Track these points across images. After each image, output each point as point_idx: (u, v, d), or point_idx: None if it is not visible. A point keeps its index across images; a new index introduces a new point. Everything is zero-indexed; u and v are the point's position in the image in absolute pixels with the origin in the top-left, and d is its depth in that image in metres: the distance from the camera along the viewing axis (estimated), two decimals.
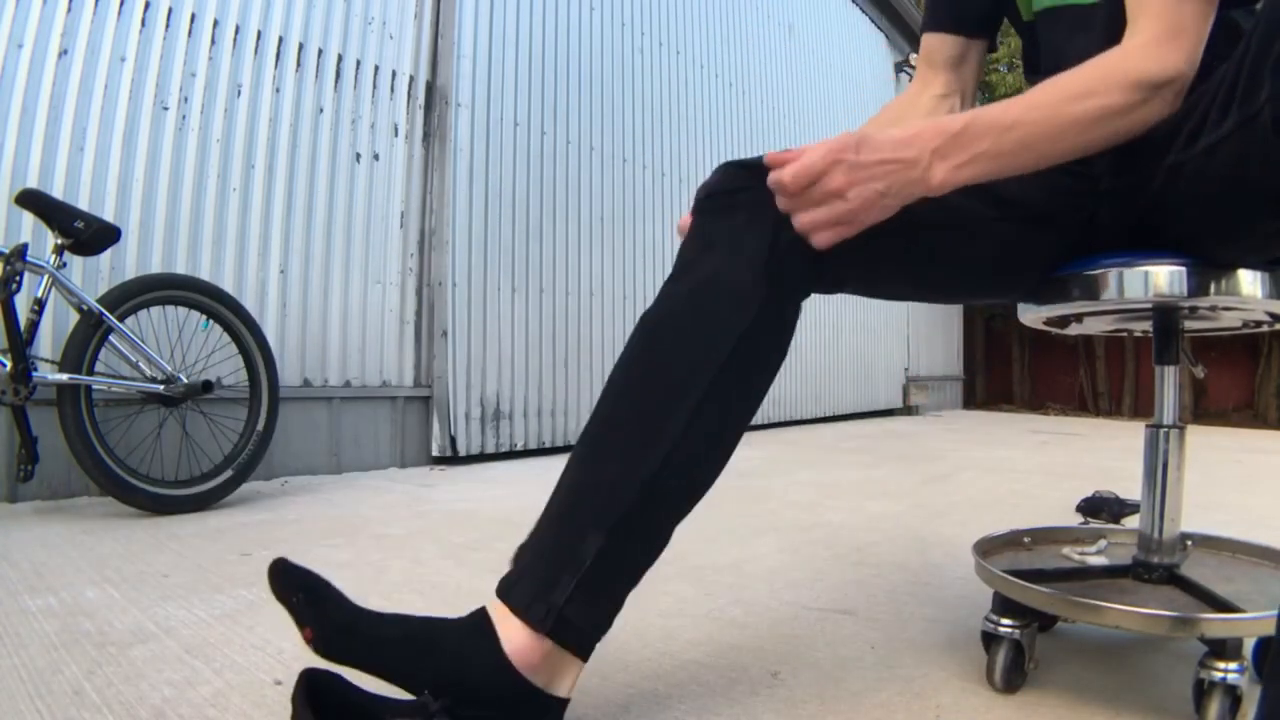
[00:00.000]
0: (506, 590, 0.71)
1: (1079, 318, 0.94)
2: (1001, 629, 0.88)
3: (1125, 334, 1.05)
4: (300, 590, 0.70)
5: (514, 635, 0.68)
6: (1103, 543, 1.08)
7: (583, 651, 0.70)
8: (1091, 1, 0.86)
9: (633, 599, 0.72)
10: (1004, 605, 0.88)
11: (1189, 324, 0.93)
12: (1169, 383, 0.90)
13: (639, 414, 0.71)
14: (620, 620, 0.72)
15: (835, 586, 1.33)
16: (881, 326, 6.05)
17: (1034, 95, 0.71)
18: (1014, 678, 0.87)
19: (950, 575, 1.41)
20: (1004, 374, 7.84)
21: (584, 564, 0.68)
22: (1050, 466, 3.11)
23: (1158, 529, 0.89)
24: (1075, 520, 1.95)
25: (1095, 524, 1.90)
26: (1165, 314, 0.88)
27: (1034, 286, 0.91)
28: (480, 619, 0.70)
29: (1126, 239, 0.85)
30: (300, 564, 0.72)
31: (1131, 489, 2.26)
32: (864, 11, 6.20)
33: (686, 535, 0.74)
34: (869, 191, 0.67)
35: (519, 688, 0.67)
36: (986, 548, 1.03)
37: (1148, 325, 0.95)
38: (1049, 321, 0.99)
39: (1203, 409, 6.52)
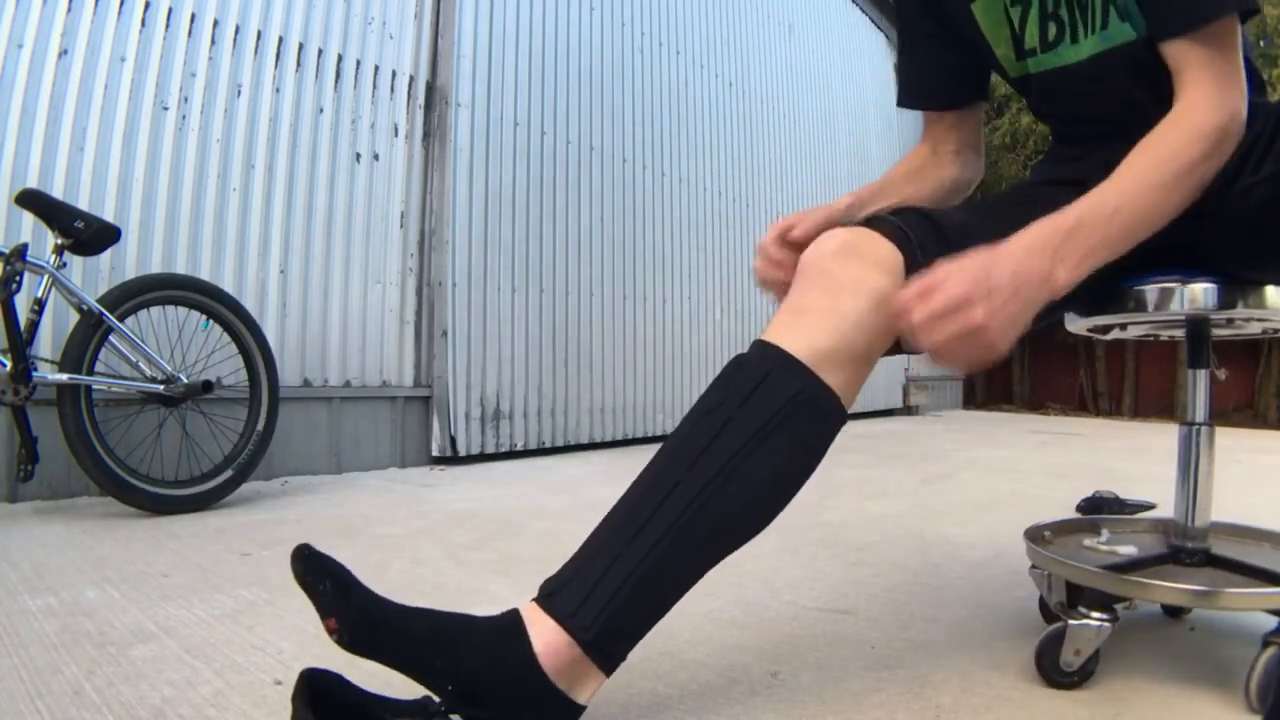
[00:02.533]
0: (550, 594, 0.71)
1: (1122, 325, 1.05)
2: (1093, 620, 0.89)
3: (1154, 338, 1.14)
4: (328, 578, 0.69)
5: (546, 637, 0.68)
6: (1106, 534, 1.13)
7: (609, 664, 0.71)
8: (1077, 60, 0.89)
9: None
10: (1093, 598, 0.90)
11: (1217, 332, 1.02)
12: (1200, 385, 1.00)
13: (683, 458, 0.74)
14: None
15: (835, 586, 1.33)
16: None
17: (1123, 176, 0.74)
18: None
19: (950, 575, 1.41)
20: (1004, 374, 7.83)
21: (628, 579, 0.69)
22: (1050, 466, 3.11)
23: (1191, 517, 0.98)
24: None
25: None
26: (1197, 324, 0.99)
27: (1080, 305, 0.99)
28: (513, 620, 0.71)
29: (1161, 260, 0.92)
30: (324, 552, 0.71)
31: (1131, 489, 2.26)
32: (864, 11, 6.20)
33: None
34: (1006, 317, 0.67)
35: (544, 690, 0.68)
36: (1038, 540, 1.09)
37: (1176, 330, 1.06)
38: (1093, 329, 1.09)
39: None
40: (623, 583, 0.69)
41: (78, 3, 2.09)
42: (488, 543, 1.63)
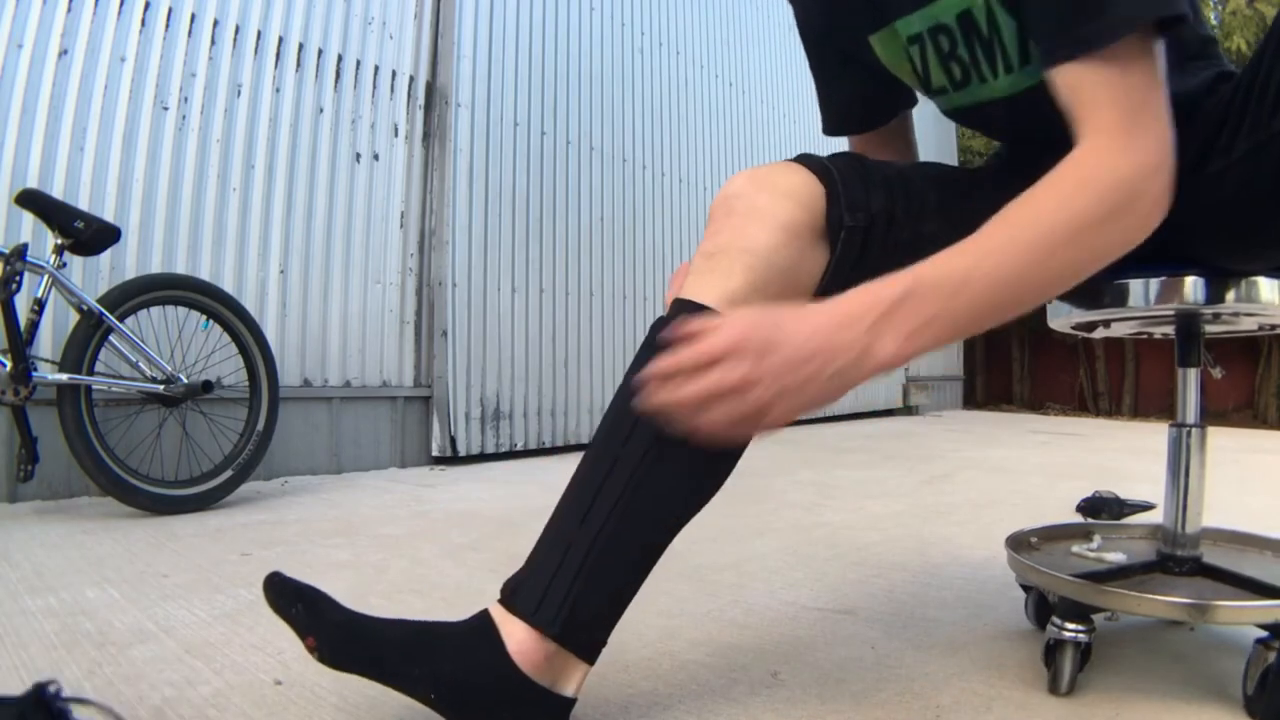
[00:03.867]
0: (511, 593, 0.71)
1: (1106, 323, 0.99)
2: (1066, 633, 0.87)
3: (1146, 336, 1.09)
4: (298, 601, 0.70)
5: (517, 636, 0.68)
6: (1098, 539, 1.11)
7: (586, 654, 0.70)
8: (993, 98, 0.79)
9: (633, 599, 0.73)
10: (1070, 609, 0.87)
11: (1209, 328, 0.97)
12: (1191, 385, 0.95)
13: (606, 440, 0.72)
14: (620, 620, 0.72)
15: (835, 586, 1.33)
16: None
17: (988, 234, 0.60)
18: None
19: (950, 575, 1.41)
20: (1004, 374, 7.83)
21: (583, 566, 0.68)
22: (1050, 466, 3.11)
23: (1181, 523, 0.93)
24: (1075, 520, 1.94)
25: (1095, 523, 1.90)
26: (1187, 320, 0.93)
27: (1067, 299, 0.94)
28: (483, 621, 0.70)
29: (1145, 254, 0.86)
30: (294, 577, 0.72)
31: (1131, 489, 2.26)
32: None
33: (687, 535, 0.74)
34: (788, 387, 0.57)
35: (524, 688, 0.67)
36: (1022, 547, 1.07)
37: (1168, 329, 1.00)
38: (1078, 326, 1.03)
39: (1202, 408, 6.51)
40: (579, 571, 0.68)
41: (78, 3, 2.09)
42: (488, 543, 1.63)
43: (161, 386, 1.98)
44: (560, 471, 2.95)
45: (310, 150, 2.64)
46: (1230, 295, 0.82)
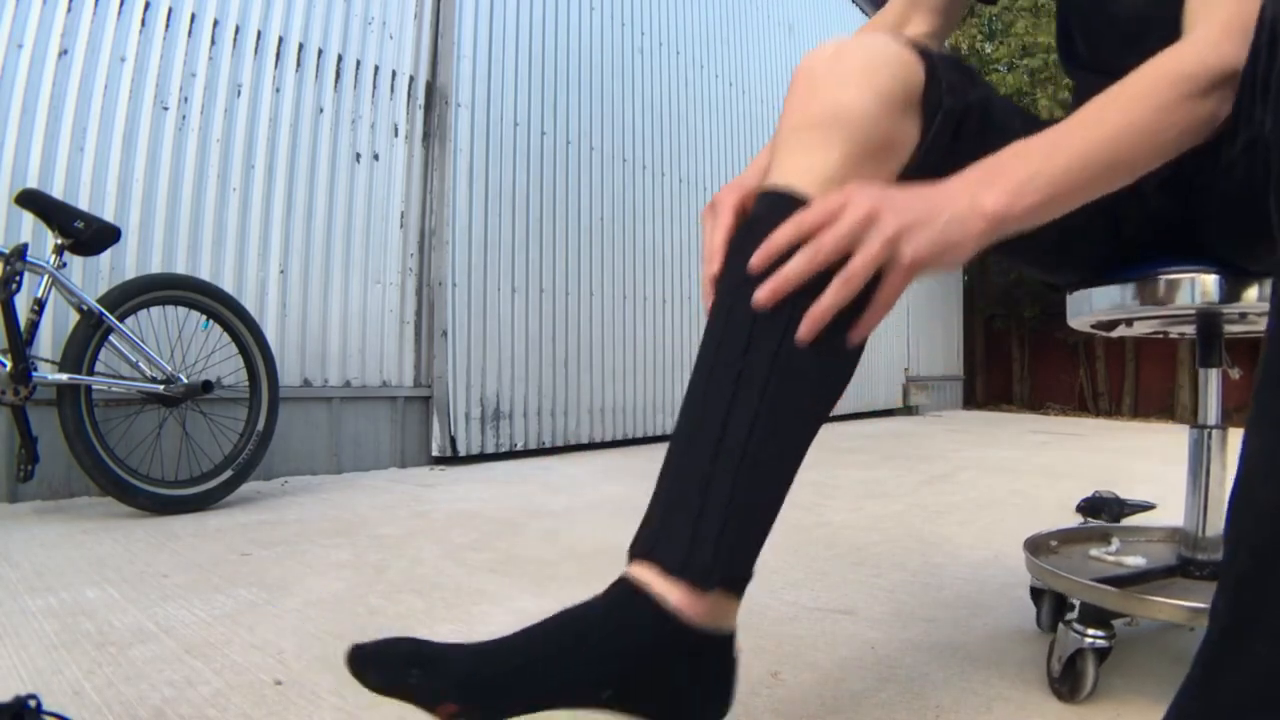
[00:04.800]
0: (649, 550, 0.61)
1: (1128, 321, 0.96)
2: (1087, 639, 0.84)
3: (1162, 335, 1.07)
4: (409, 664, 0.56)
5: (675, 594, 0.60)
6: (1116, 542, 1.09)
7: (740, 586, 0.64)
8: None
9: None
10: (1091, 615, 0.85)
11: (1230, 328, 0.95)
12: (1212, 385, 0.93)
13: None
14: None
15: (835, 586, 1.33)
16: (881, 326, 6.01)
17: (1083, 112, 0.63)
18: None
19: (950, 575, 1.41)
20: (1004, 374, 7.84)
21: (731, 500, 0.61)
22: (1050, 466, 3.11)
23: (1202, 527, 0.91)
24: (1075, 520, 1.94)
25: (1095, 523, 1.90)
26: (1209, 319, 0.91)
27: (1073, 284, 0.93)
28: (626, 591, 0.61)
29: (1154, 247, 0.85)
30: (370, 641, 0.57)
31: (1132, 489, 2.26)
32: (864, 11, 6.20)
33: None
34: (914, 237, 0.56)
35: (699, 642, 0.61)
36: (1041, 550, 1.04)
37: (1186, 328, 0.98)
38: (1098, 325, 1.01)
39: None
40: (726, 506, 0.60)
41: (78, 3, 2.09)
42: (488, 543, 1.63)
43: (161, 386, 1.98)
44: (560, 471, 2.96)
45: (310, 150, 2.64)
46: (1253, 294, 0.80)
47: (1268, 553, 0.46)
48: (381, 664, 0.56)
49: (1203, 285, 0.81)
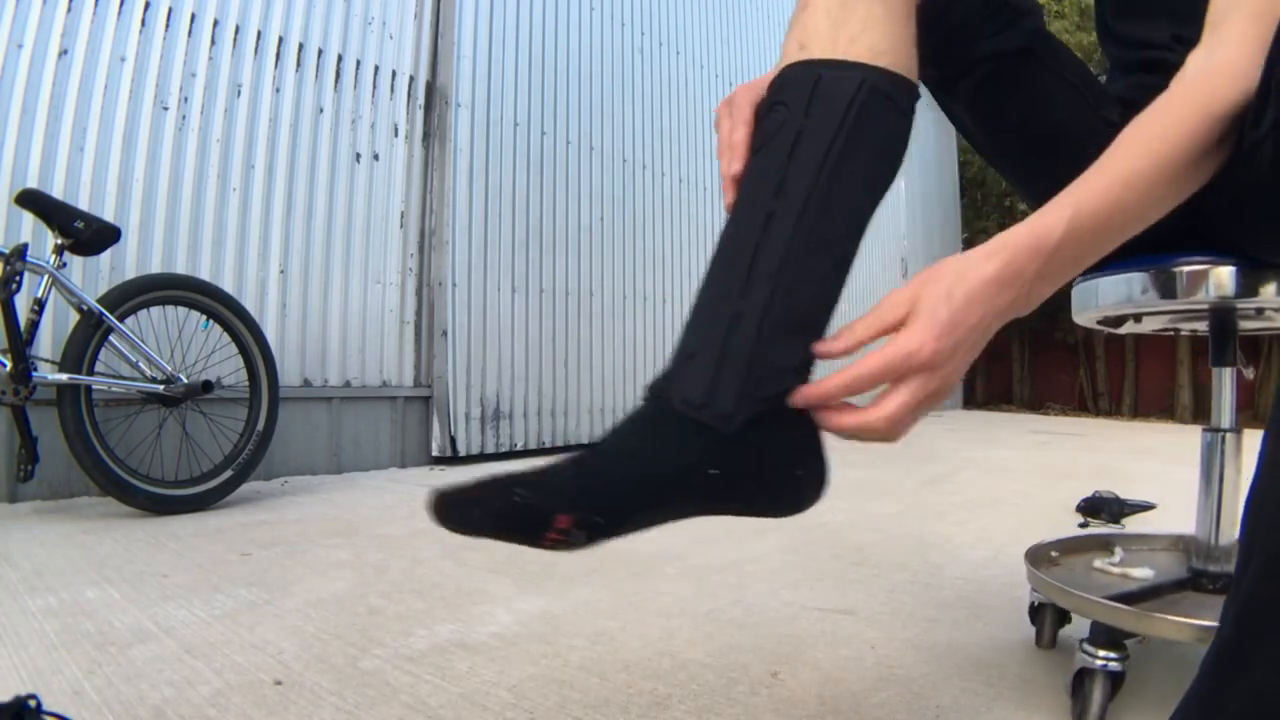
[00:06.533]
0: (669, 377, 0.57)
1: (1137, 316, 0.91)
2: (1099, 661, 0.79)
3: (1174, 332, 1.02)
4: (506, 487, 0.52)
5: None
6: (1120, 552, 1.04)
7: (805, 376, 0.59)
8: None
9: (633, 599, 0.72)
10: (1104, 636, 0.80)
11: (1245, 324, 0.89)
12: (1226, 385, 0.88)
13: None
14: (620, 620, 0.72)
15: (835, 586, 1.33)
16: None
17: (1123, 163, 0.57)
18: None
19: (950, 575, 1.41)
20: (1004, 374, 7.84)
21: (760, 332, 0.56)
22: (1050, 467, 3.11)
23: (1215, 536, 0.86)
24: (1075, 520, 1.95)
25: (1095, 524, 1.90)
26: (1223, 315, 0.85)
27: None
28: (658, 402, 0.57)
29: (1173, 239, 0.80)
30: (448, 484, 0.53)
31: (1132, 489, 2.26)
32: None
33: (687, 535, 0.74)
34: (961, 361, 0.53)
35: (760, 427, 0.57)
36: (1041, 561, 1.00)
37: (1199, 324, 0.93)
38: (1105, 320, 0.94)
39: (1203, 408, 6.51)
40: (756, 339, 0.55)
41: (78, 3, 2.09)
42: (488, 543, 1.63)
43: (161, 386, 1.98)
44: None
45: (310, 150, 2.64)
46: (1271, 288, 0.75)
47: None
48: (479, 498, 0.51)
49: (1217, 278, 0.76)
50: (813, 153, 0.58)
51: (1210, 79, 0.59)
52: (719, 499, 0.56)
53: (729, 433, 0.54)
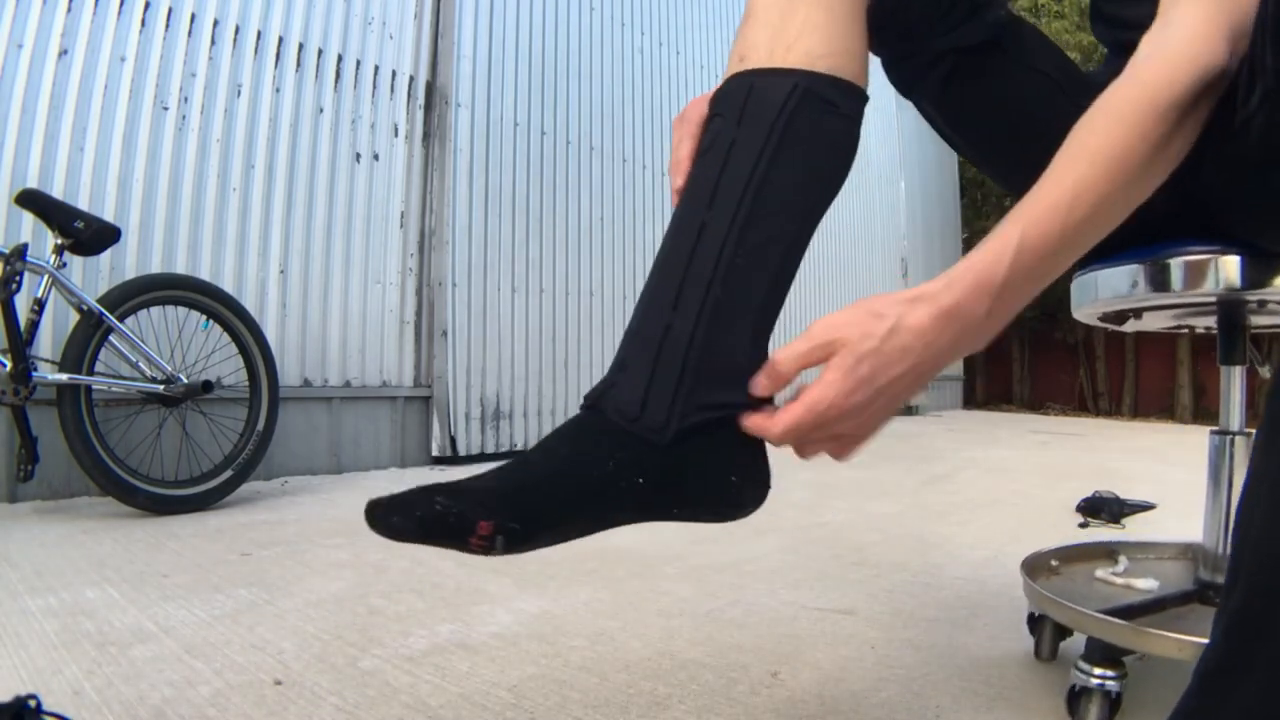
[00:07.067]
0: (601, 394, 0.58)
1: (1138, 313, 0.86)
2: (1094, 680, 0.76)
3: (1185, 329, 0.97)
4: (429, 496, 0.52)
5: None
6: (1124, 561, 1.02)
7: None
8: None
9: (633, 599, 0.72)
10: (1100, 653, 0.77)
11: (1255, 320, 0.84)
12: (1235, 384, 0.84)
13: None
14: (620, 620, 0.72)
15: (835, 586, 1.33)
16: None
17: (1068, 175, 0.53)
18: None
19: (950, 575, 1.41)
20: (1004, 374, 7.84)
21: (691, 345, 0.56)
22: (1050, 467, 3.11)
23: (1223, 544, 0.82)
24: (1075, 520, 1.95)
25: (1095, 524, 1.90)
26: (1231, 308, 0.80)
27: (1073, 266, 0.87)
28: (593, 412, 0.57)
29: (1165, 228, 0.76)
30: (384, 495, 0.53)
31: (1132, 489, 2.26)
32: None
33: (687, 535, 0.74)
34: (882, 411, 0.53)
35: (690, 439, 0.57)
36: (1039, 572, 0.96)
37: (1206, 319, 0.88)
38: (1105, 316, 0.89)
39: (1203, 408, 6.52)
40: (687, 351, 0.55)
41: (78, 3, 2.09)
42: None
43: (161, 386, 1.98)
44: None
45: (310, 150, 2.64)
46: (1279, 280, 0.70)
47: (1270, 593, 0.42)
48: (402, 506, 0.52)
49: (1224, 268, 0.70)
50: (743, 162, 0.58)
51: (1160, 65, 0.55)
52: (652, 507, 0.56)
53: (662, 444, 0.54)
